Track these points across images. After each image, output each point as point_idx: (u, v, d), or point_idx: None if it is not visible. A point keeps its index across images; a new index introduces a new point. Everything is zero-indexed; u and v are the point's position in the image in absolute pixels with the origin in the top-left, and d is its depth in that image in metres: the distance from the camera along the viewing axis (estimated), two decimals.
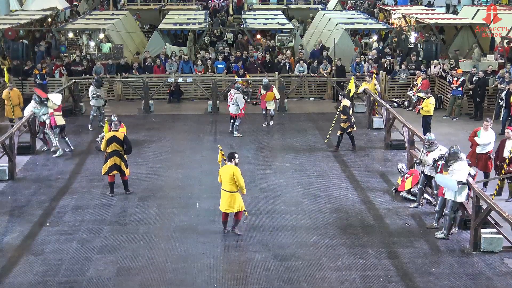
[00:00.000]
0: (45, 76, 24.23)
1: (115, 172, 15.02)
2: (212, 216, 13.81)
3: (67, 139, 18.72)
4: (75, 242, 12.78)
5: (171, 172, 17.07)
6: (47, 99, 18.32)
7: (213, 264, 11.83)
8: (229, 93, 20.56)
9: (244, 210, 12.97)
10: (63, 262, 11.96)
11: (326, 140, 19.49)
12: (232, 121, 20.45)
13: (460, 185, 12.53)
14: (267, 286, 11.17)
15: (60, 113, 18.59)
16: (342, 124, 18.66)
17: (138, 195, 15.32)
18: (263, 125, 21.60)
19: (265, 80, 21.55)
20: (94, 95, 21.21)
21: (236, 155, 13.05)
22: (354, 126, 18.72)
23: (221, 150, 13.45)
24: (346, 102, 18.74)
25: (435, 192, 14.11)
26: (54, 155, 18.22)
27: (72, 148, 18.74)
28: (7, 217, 14.06)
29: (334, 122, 19.62)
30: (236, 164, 12.92)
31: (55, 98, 18.53)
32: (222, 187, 12.90)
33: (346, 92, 20.96)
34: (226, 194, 12.81)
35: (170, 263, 11.96)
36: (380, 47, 28.64)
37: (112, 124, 15.80)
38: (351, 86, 21.27)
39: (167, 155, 18.49)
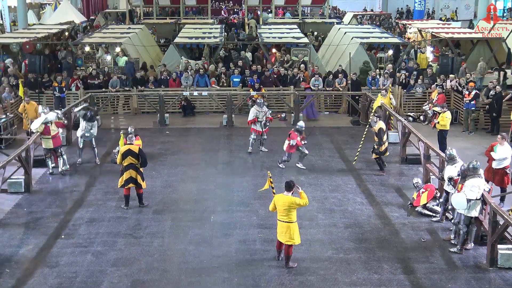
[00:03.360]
0: (64, 89, 24.42)
1: (131, 185, 15.02)
2: (227, 230, 13.79)
3: (60, 160, 17.98)
4: (90, 255, 12.80)
5: (185, 185, 17.08)
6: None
7: (227, 278, 11.78)
8: (262, 110, 19.70)
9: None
10: (78, 274, 11.98)
11: (354, 162, 18.83)
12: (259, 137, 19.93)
13: (470, 203, 12.46)
14: None
15: (49, 136, 17.66)
16: (377, 147, 17.89)
17: (153, 208, 15.34)
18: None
19: (301, 124, 18.72)
20: (86, 133, 18.77)
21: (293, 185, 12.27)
22: (378, 150, 17.91)
23: (270, 177, 12.97)
24: (381, 124, 18.00)
25: (450, 206, 14.01)
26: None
27: (61, 170, 17.95)
28: (23, 229, 14.12)
29: (362, 141, 19.09)
30: (292, 193, 12.13)
31: (34, 124, 17.84)
32: (278, 218, 12.11)
33: (373, 110, 20.58)
34: (284, 225, 12.00)
35: (184, 276, 11.94)
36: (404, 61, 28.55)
37: (127, 137, 15.82)
38: (377, 103, 21.31)
39: (182, 168, 18.51)
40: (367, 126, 19.88)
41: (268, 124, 19.92)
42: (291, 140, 18.09)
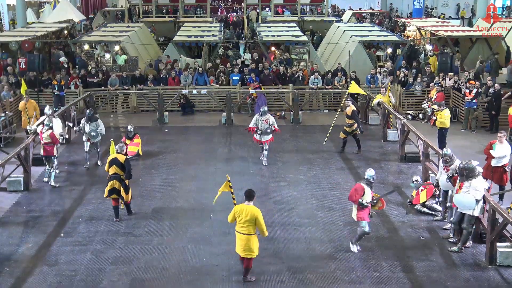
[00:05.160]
0: (63, 87, 24.41)
1: (114, 196, 14.30)
2: (226, 228, 13.79)
3: (52, 173, 17.09)
4: (89, 253, 12.81)
5: (185, 183, 17.08)
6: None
7: (226, 276, 11.80)
8: (263, 119, 18.26)
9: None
10: (77, 273, 11.99)
11: (324, 142, 19.80)
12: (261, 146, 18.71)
13: (479, 203, 12.51)
14: None
15: (42, 141, 16.99)
16: (347, 128, 19.46)
17: (152, 207, 15.35)
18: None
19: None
20: (93, 133, 18.24)
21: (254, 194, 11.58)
22: (361, 129, 19.54)
23: (229, 181, 12.11)
24: (353, 106, 19.63)
25: (449, 204, 14.04)
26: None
27: (47, 180, 17.19)
28: (22, 228, 14.13)
29: (333, 124, 20.32)
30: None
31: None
32: (237, 229, 11.58)
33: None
34: (243, 237, 11.44)
35: (184, 274, 11.95)
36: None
37: (118, 146, 14.87)
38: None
39: (181, 167, 18.52)
40: (339, 110, 21.19)
41: (269, 132, 18.24)
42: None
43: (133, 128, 19.59)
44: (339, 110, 21.36)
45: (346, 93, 21.75)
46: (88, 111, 18.68)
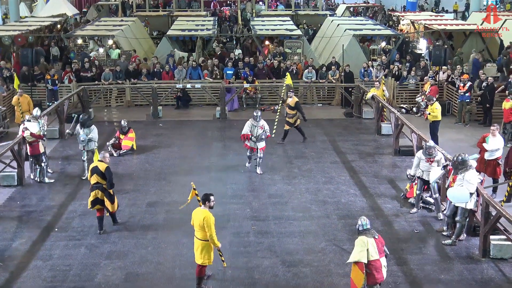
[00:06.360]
0: (56, 82, 24.34)
1: (98, 206, 13.43)
2: (220, 222, 13.76)
3: (37, 170, 16.86)
4: (83, 248, 12.80)
5: (179, 178, 17.07)
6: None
7: (220, 270, 11.81)
8: (258, 125, 17.20)
9: (222, 260, 11.58)
10: (71, 267, 11.98)
11: (273, 135, 19.70)
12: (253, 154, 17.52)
13: (472, 196, 12.57)
14: None
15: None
16: (289, 120, 19.75)
17: (146, 201, 15.34)
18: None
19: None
20: (82, 138, 16.80)
21: (212, 198, 11.01)
22: (305, 118, 20.11)
23: (194, 189, 11.38)
24: (296, 98, 20.01)
25: (435, 196, 14.17)
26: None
27: (36, 178, 16.91)
28: (16, 223, 14.10)
29: (277, 116, 20.83)
30: (211, 208, 11.00)
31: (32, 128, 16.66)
32: (195, 234, 11.08)
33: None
34: (197, 242, 10.98)
35: (178, 269, 11.96)
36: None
37: (101, 153, 13.78)
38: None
39: (175, 161, 18.51)
40: (281, 102, 21.57)
41: (264, 138, 17.27)
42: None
43: (127, 123, 19.55)
44: (280, 102, 21.79)
45: (284, 85, 22.08)
46: (81, 116, 17.34)
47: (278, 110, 21.55)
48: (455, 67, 25.26)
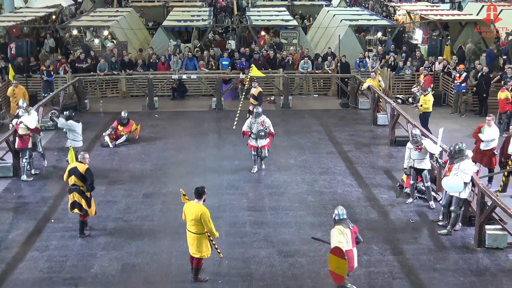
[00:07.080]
0: (52, 73, 24.25)
1: (76, 210, 12.83)
2: (216, 213, 13.79)
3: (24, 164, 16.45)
4: (80, 239, 12.80)
5: (175, 168, 17.07)
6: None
7: (217, 261, 11.82)
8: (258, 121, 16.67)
9: (218, 252, 11.40)
10: (68, 258, 11.99)
11: (234, 127, 19.74)
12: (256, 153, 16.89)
13: (467, 186, 12.62)
14: (271, 283, 11.17)
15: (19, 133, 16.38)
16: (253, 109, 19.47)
17: (143, 192, 15.34)
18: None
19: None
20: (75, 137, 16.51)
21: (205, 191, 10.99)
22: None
23: (184, 194, 11.14)
24: (260, 88, 20.29)
25: (426, 184, 14.27)
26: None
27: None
28: (12, 214, 14.10)
29: (240, 105, 20.83)
30: (204, 201, 10.94)
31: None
32: (187, 228, 11.02)
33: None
34: (191, 236, 10.92)
35: (175, 259, 11.97)
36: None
37: (80, 154, 13.05)
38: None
39: (171, 152, 18.50)
40: (244, 93, 22.01)
41: (264, 135, 16.62)
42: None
43: (127, 114, 19.53)
44: (243, 93, 22.16)
45: (248, 76, 22.08)
46: (68, 112, 16.92)
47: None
48: (473, 57, 25.41)
